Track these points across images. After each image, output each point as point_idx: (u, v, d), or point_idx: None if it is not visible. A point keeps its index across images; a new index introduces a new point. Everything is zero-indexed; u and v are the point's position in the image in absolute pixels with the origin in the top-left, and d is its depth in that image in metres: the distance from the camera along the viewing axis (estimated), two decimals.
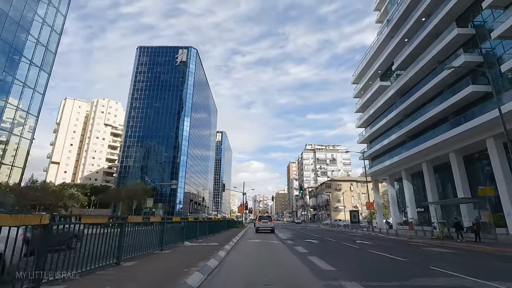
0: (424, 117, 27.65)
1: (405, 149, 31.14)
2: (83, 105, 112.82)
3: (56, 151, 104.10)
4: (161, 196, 65.20)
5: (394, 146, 35.04)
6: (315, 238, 17.22)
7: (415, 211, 32.64)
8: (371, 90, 40.24)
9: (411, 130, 30.29)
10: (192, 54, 79.35)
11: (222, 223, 19.45)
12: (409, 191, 33.05)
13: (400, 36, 32.20)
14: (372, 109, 39.93)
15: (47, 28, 36.63)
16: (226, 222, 20.56)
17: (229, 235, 16.26)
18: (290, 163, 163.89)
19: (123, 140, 71.61)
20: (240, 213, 33.12)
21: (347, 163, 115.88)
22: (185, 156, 70.62)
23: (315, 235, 20.12)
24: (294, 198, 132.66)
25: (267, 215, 25.34)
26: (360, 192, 62.17)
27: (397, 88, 33.06)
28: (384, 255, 9.40)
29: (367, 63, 42.16)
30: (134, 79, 75.77)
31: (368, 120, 42.82)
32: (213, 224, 16.04)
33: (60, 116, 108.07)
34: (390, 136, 34.52)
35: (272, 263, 7.56)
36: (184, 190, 69.70)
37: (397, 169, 34.59)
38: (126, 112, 75.13)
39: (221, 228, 18.99)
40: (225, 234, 17.54)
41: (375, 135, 40.68)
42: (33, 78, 33.96)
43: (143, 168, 68.90)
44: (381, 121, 37.41)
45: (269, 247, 11.10)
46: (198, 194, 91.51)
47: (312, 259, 8.01)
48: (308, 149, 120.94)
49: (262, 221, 24.09)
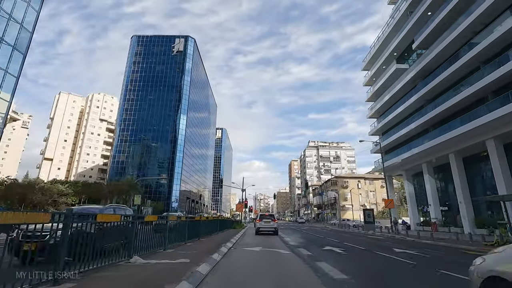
0: (454, 99, 23.50)
1: (428, 138, 27.02)
2: (78, 100, 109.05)
3: (49, 147, 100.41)
4: (155, 194, 61.34)
5: (413, 136, 30.93)
6: (334, 244, 13.16)
7: (439, 210, 28.53)
8: (385, 75, 36.11)
9: (436, 117, 26.12)
10: (189, 44, 75.17)
11: (212, 224, 15.44)
12: (431, 187, 28.94)
13: (422, 10, 28.00)
14: (387, 96, 35.79)
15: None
16: (218, 222, 16.47)
17: (220, 240, 12.24)
18: (292, 161, 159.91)
19: (115, 134, 67.70)
20: (239, 211, 29.09)
21: (352, 160, 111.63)
22: (181, 152, 66.58)
23: (331, 239, 16.05)
24: (296, 197, 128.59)
25: (269, 214, 21.33)
26: (368, 190, 58.14)
27: (418, 69, 28.90)
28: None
29: (380, 46, 37.99)
30: (128, 70, 71.69)
31: (381, 110, 38.68)
32: (197, 225, 11.99)
33: (54, 111, 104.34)
34: (409, 125, 30.38)
35: None
36: (180, 188, 65.68)
37: (417, 162, 30.47)
38: (119, 105, 71.08)
39: (211, 230, 14.99)
40: (215, 238, 13.51)
41: (389, 125, 36.55)
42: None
43: (137, 164, 64.93)
44: (397, 109, 33.28)
45: (276, 266, 6.84)
46: (197, 192, 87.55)
47: None
48: (311, 146, 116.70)
49: (263, 221, 20.07)
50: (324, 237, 18.63)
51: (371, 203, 57.56)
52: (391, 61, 35.62)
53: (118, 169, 63.76)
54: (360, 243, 13.98)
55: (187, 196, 72.67)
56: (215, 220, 16.45)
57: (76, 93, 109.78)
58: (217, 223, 16.26)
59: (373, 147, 40.48)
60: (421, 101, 28.97)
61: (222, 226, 18.56)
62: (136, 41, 74.11)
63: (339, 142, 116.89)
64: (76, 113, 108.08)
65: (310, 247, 11.53)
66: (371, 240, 17.00)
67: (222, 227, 19.11)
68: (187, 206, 71.96)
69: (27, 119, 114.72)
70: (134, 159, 65.27)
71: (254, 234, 19.51)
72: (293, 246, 11.55)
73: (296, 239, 15.76)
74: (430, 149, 26.56)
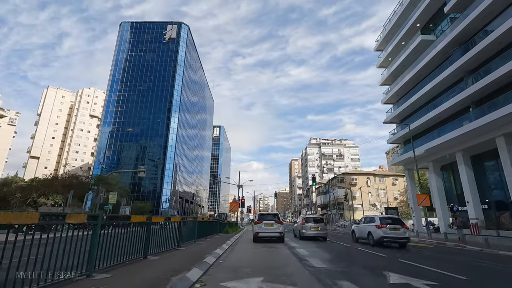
0: (507, 66, 18.15)
1: (469, 119, 21.64)
2: (67, 95, 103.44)
3: (36, 145, 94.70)
4: (143, 193, 55.70)
5: (446, 119, 25.57)
6: (392, 264, 7.67)
7: (480, 209, 23.10)
8: (406, 52, 30.77)
9: (483, 90, 20.74)
10: (183, 31, 69.59)
11: (189, 228, 10.02)
12: (469, 181, 23.52)
13: None
14: (408, 76, 30.43)
15: None
16: (196, 225, 10.77)
17: (189, 257, 6.79)
18: (292, 161, 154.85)
19: (100, 127, 62.11)
20: (234, 211, 23.55)
21: (356, 158, 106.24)
22: (173, 146, 60.88)
23: (369, 252, 10.57)
24: (297, 197, 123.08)
25: (272, 213, 15.84)
26: (378, 188, 52.77)
27: (453, 36, 23.53)
28: None
29: (397, 20, 32.68)
30: (116, 58, 66.01)
31: (400, 92, 33.34)
32: (146, 234, 6.47)
33: (42, 106, 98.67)
34: (441, 105, 24.96)
35: None
36: (171, 187, 59.95)
37: (449, 151, 25.08)
38: (105, 96, 65.37)
39: (189, 236, 9.60)
40: (178, 254, 8.00)
41: (411, 109, 31.21)
42: None
43: (125, 159, 59.23)
44: (423, 88, 27.91)
45: None
46: (192, 192, 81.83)
47: None
48: (313, 144, 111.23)
49: (264, 223, 14.64)
50: (351, 245, 13.16)
51: (382, 202, 52.17)
52: (413, 34, 30.25)
53: (101, 166, 58.07)
54: (437, 264, 8.47)
55: (180, 196, 66.96)
56: (193, 222, 10.94)
57: (65, 88, 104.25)
58: (194, 227, 10.75)
59: (390, 136, 35.14)
60: (459, 73, 23.59)
61: (203, 231, 13.06)
62: (126, 28, 68.53)
63: (342, 139, 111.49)
64: (65, 109, 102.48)
65: (356, 274, 6.04)
66: (428, 252, 11.54)
67: (205, 232, 13.59)
68: (180, 207, 66.29)
69: (14, 116, 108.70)
70: (122, 155, 59.61)
71: (250, 242, 14.08)
72: (322, 273, 6.07)
73: (316, 251, 10.27)
74: (472, 132, 21.18)
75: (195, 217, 11.72)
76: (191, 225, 10.78)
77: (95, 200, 25.60)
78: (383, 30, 36.88)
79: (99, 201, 26.43)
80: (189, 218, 11.48)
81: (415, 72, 29.09)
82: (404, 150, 32.53)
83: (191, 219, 11.66)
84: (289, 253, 9.29)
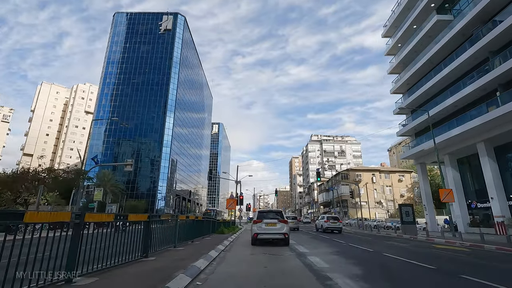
0: None
1: (495, 104, 19.20)
2: (62, 91, 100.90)
3: (30, 142, 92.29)
4: (138, 191, 53.24)
5: (465, 107, 23.12)
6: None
7: (506, 205, 20.67)
8: (419, 35, 28.26)
9: (510, 71, 18.27)
10: (179, 22, 66.76)
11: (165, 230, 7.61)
12: (493, 174, 21.08)
13: None
14: (421, 61, 27.94)
15: None
16: (177, 225, 8.15)
17: (145, 279, 4.30)
18: (293, 158, 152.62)
19: (92, 122, 59.49)
20: (230, 208, 21.02)
21: (358, 155, 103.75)
22: (169, 142, 58.25)
23: (404, 261, 8.15)
24: (297, 195, 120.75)
25: (275, 210, 13.38)
26: (384, 185, 50.32)
27: (473, 14, 21.06)
28: None
29: (408, 2, 30.16)
30: (109, 51, 63.23)
31: (411, 80, 30.89)
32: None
33: (35, 103, 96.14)
34: (460, 91, 22.48)
35: None
36: (167, 184, 57.38)
37: (470, 141, 22.66)
38: (98, 89, 62.63)
39: (166, 241, 7.21)
40: (146, 268, 5.50)
41: (423, 98, 28.74)
42: None
43: (119, 155, 56.61)
44: (437, 74, 25.43)
45: None
46: (189, 190, 79.37)
47: None
48: (314, 140, 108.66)
49: (265, 222, 12.22)
50: (375, 250, 10.72)
51: (388, 199, 49.77)
52: (426, 16, 27.70)
53: (92, 163, 55.62)
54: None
55: (177, 194, 64.42)
56: (172, 223, 8.48)
57: (60, 84, 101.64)
58: (175, 227, 8.27)
59: (400, 127, 32.69)
60: (481, 55, 21.11)
61: (190, 231, 10.59)
62: (120, 19, 65.69)
63: (344, 136, 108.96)
64: (60, 105, 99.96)
65: None
66: (476, 260, 9.11)
67: (192, 234, 11.12)
68: (177, 205, 63.83)
69: (8, 112, 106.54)
70: (115, 151, 57.03)
71: (248, 245, 11.68)
72: None
73: (335, 260, 7.80)
74: (499, 119, 18.74)
75: (174, 215, 9.18)
76: (170, 226, 8.32)
77: (76, 197, 23.07)
78: (391, 15, 34.37)
79: (79, 198, 23.90)
80: (163, 217, 8.90)
81: (429, 57, 26.62)
82: (416, 143, 30.08)
83: (165, 218, 9.10)
84: (300, 265, 6.86)
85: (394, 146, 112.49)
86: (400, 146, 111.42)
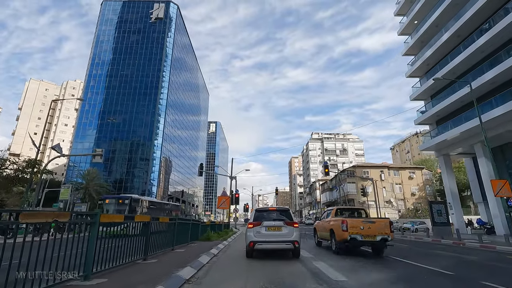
0: None
1: None
2: (51, 88, 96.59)
3: (16, 141, 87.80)
4: (126, 191, 48.83)
5: (506, 83, 19.17)
6: None
7: None
8: (442, 5, 24.34)
9: None
10: (172, 10, 62.59)
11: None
12: None
13: None
14: (445, 35, 24.00)
15: None
16: (149, 228, 4.48)
17: None
18: (292, 158, 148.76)
19: (77, 117, 55.25)
20: (222, 208, 16.96)
21: (360, 154, 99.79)
22: (160, 137, 54.02)
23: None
24: (297, 196, 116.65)
25: (280, 209, 9.25)
26: (393, 182, 46.36)
27: None
28: None
29: None
30: (96, 41, 58.97)
31: (431, 61, 26.96)
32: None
33: (23, 100, 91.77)
34: (504, 62, 18.49)
35: None
36: (158, 183, 53.12)
37: (507, 127, 18.71)
38: (84, 82, 58.28)
39: (127, 252, 3.45)
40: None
41: (450, 77, 24.71)
42: None
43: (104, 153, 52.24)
44: (470, 46, 21.48)
45: None
46: (184, 191, 74.93)
47: None
48: (315, 138, 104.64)
49: (266, 225, 8.27)
50: (456, 273, 6.65)
51: (398, 198, 45.76)
52: None
53: (81, 160, 51.45)
54: None
55: (169, 195, 60.10)
56: (143, 227, 4.49)
57: (48, 81, 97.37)
58: (146, 232, 4.37)
59: (418, 115, 28.69)
60: None
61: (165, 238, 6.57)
62: (108, 7, 61.40)
63: (345, 134, 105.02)
64: (49, 103, 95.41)
65: None
66: None
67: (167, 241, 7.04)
68: None
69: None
70: (103, 147, 52.64)
71: (242, 258, 7.64)
72: None
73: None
74: None
75: (130, 216, 5.09)
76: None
77: (26, 194, 18.79)
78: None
79: (36, 197, 19.69)
80: (116, 219, 4.90)
81: (456, 28, 22.65)
82: (437, 131, 26.09)
83: (118, 219, 5.03)
84: None
85: (397, 144, 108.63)
86: (404, 145, 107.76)
